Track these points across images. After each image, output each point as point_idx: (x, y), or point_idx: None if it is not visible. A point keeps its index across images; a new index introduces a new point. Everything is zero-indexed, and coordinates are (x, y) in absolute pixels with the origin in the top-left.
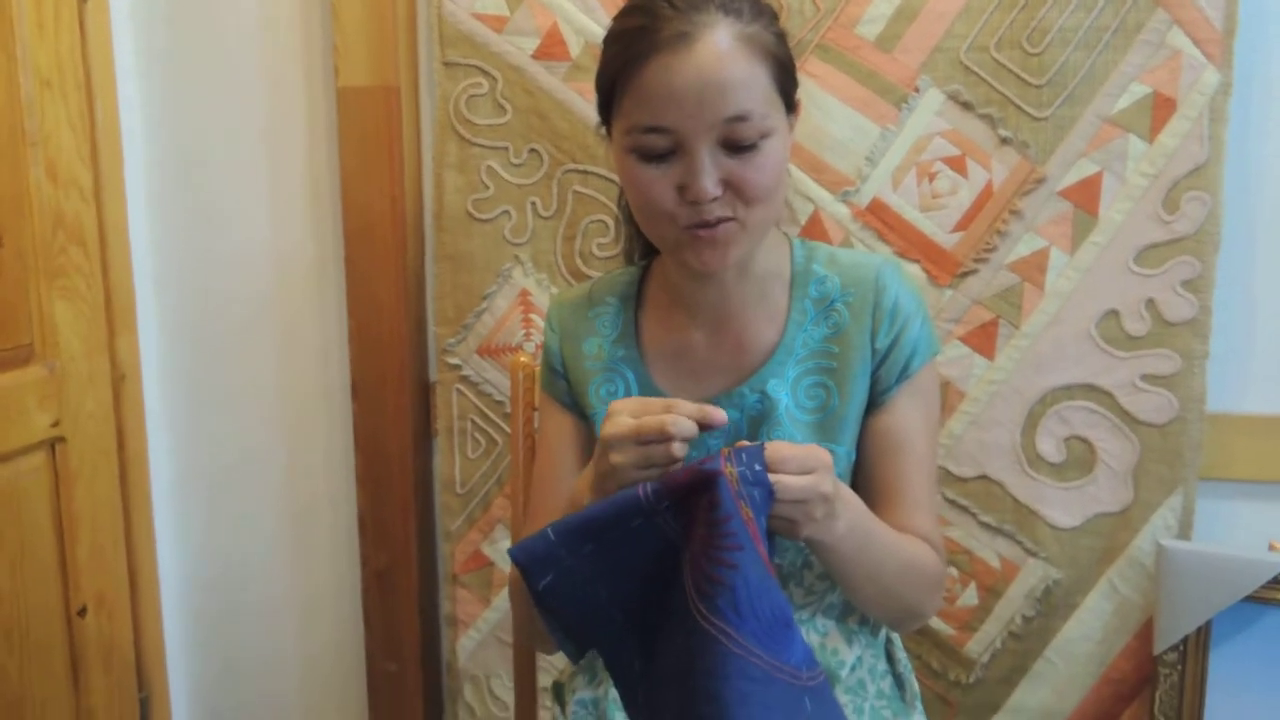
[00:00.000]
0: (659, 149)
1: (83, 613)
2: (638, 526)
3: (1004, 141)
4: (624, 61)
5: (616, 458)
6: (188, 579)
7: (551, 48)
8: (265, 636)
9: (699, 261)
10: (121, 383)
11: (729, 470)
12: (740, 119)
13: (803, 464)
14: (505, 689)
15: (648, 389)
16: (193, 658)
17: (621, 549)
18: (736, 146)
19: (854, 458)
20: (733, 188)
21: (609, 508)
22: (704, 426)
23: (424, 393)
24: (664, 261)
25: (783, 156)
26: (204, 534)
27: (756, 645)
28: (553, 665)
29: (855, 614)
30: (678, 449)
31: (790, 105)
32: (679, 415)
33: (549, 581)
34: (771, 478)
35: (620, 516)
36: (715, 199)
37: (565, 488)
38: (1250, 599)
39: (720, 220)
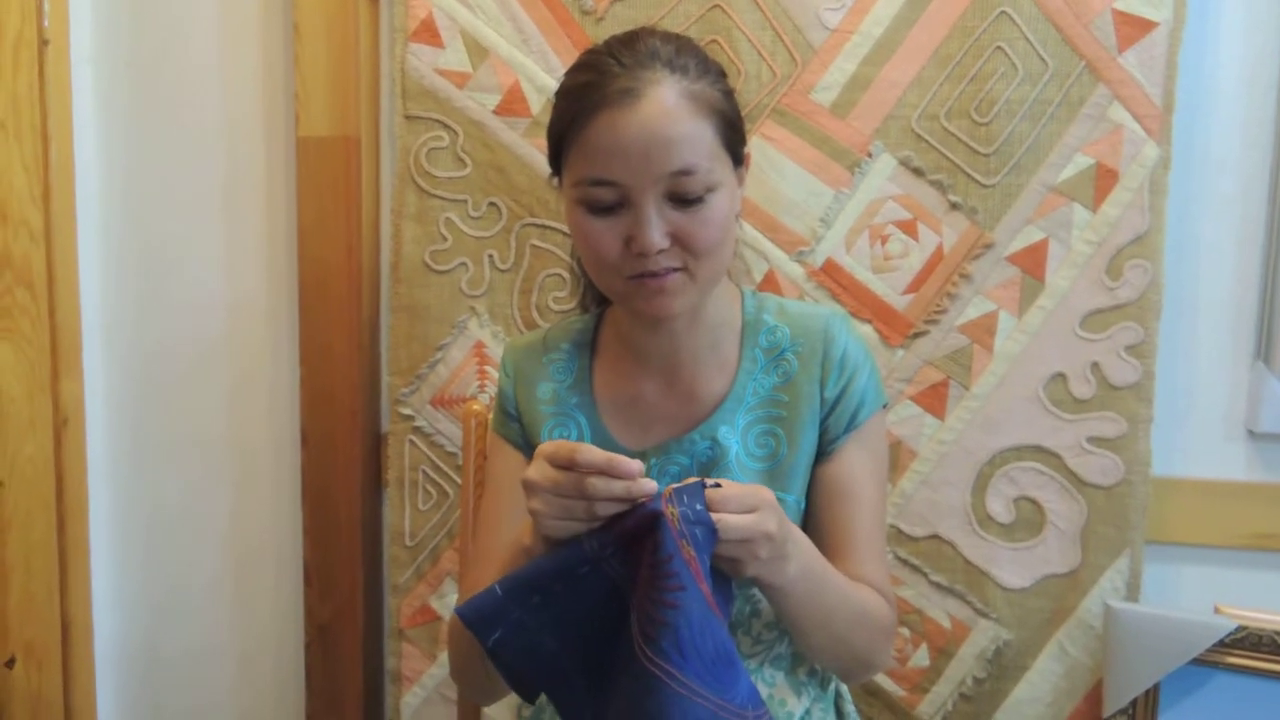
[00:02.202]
0: (606, 202)
1: (11, 663)
2: (585, 574)
3: (954, 207)
4: (572, 116)
5: (535, 504)
6: (123, 630)
7: (512, 104)
8: (202, 690)
9: (648, 308)
10: (64, 427)
11: (670, 510)
12: (685, 173)
13: (743, 502)
14: None
15: (600, 435)
16: (125, 711)
17: (569, 598)
18: (682, 200)
19: (804, 506)
20: (679, 241)
21: (555, 559)
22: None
23: (375, 443)
24: (617, 311)
25: (729, 210)
26: (142, 584)
27: (700, 685)
28: None
29: (804, 665)
30: (601, 509)
31: (738, 159)
32: (596, 478)
33: (499, 636)
34: (714, 516)
35: (566, 566)
36: (662, 251)
37: (513, 526)
38: (1198, 661)
39: (668, 271)
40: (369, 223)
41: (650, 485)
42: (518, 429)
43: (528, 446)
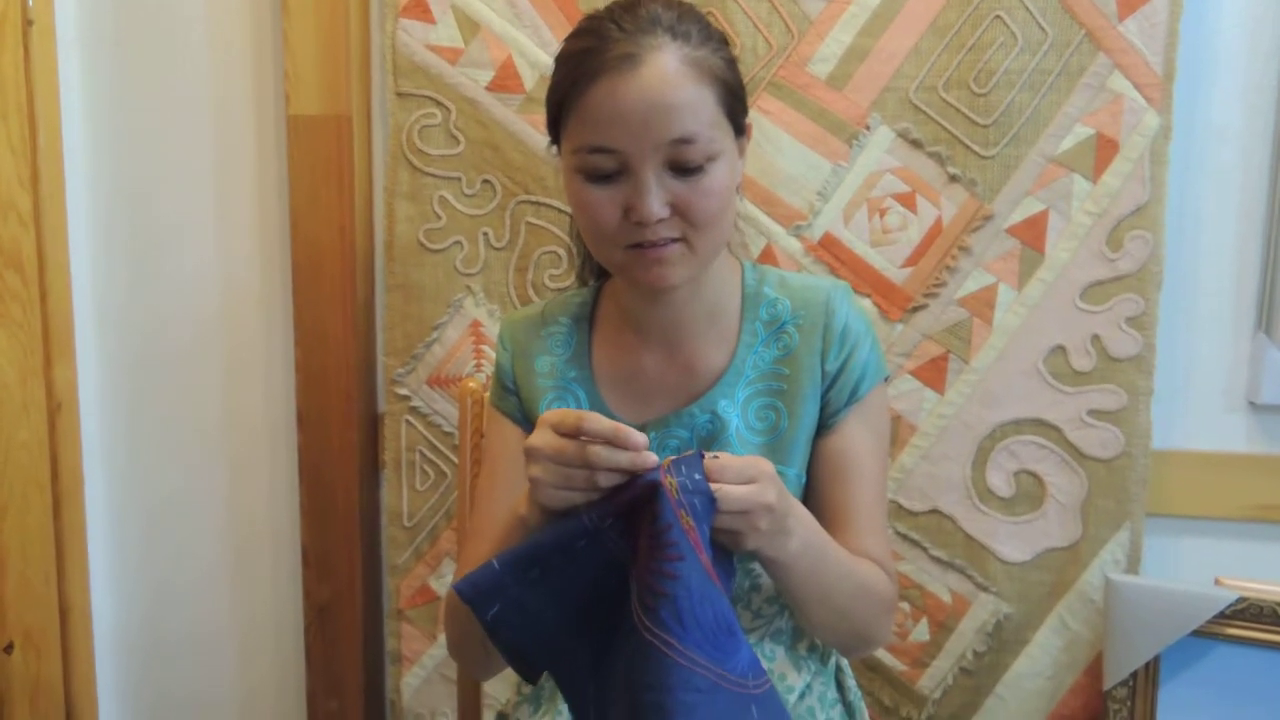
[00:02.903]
0: (605, 170)
1: (9, 649)
2: (583, 547)
3: (953, 179)
4: (572, 82)
5: (535, 470)
6: (122, 615)
7: (506, 80)
8: (202, 674)
9: (646, 279)
10: (58, 412)
11: (668, 480)
12: (686, 141)
13: (741, 473)
14: None
15: (598, 409)
16: (125, 696)
17: (567, 571)
18: (683, 169)
19: (804, 480)
20: (679, 211)
21: (553, 533)
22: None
23: (372, 424)
24: (616, 283)
25: (730, 180)
26: (140, 568)
27: (700, 654)
28: (497, 699)
29: (804, 640)
30: (603, 479)
31: (739, 129)
32: (600, 447)
33: (496, 611)
34: (712, 487)
35: (564, 539)
36: (661, 220)
37: (511, 500)
38: (1198, 633)
39: (667, 241)
40: (362, 202)
41: (652, 459)
42: (516, 403)
43: (526, 421)
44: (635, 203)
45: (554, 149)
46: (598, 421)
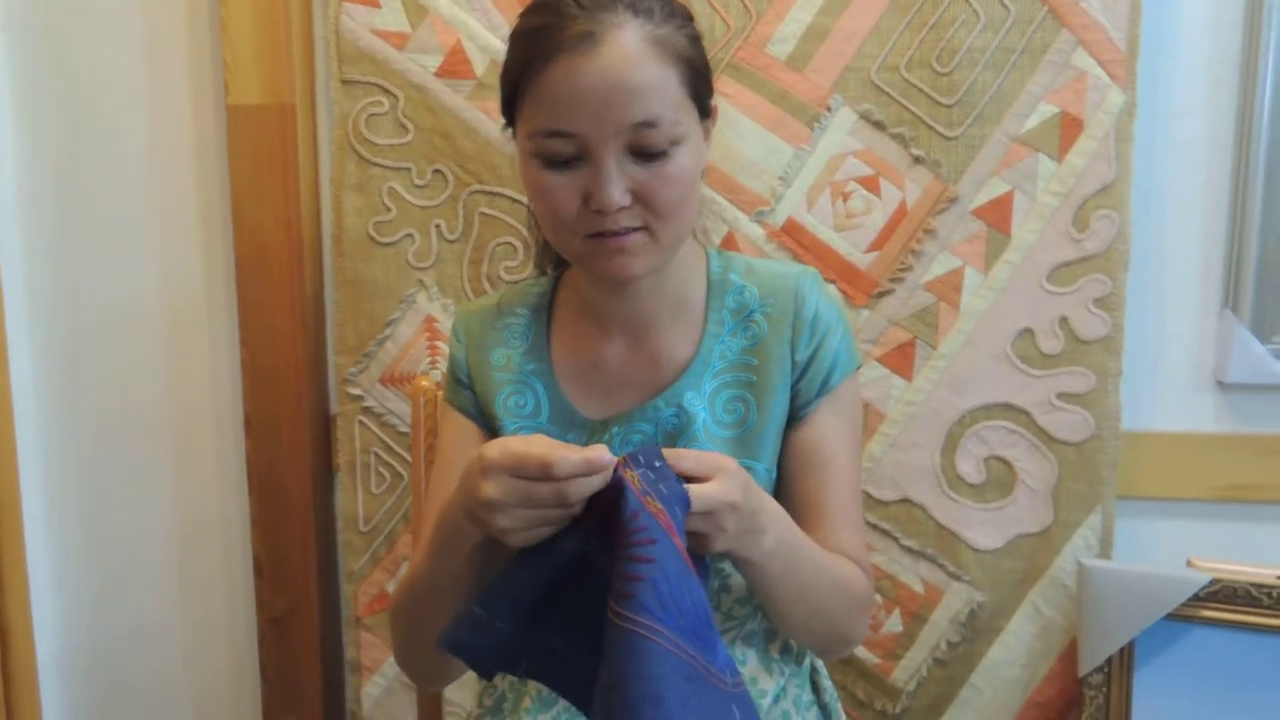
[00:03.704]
0: (563, 155)
1: None
2: (580, 573)
3: (916, 161)
4: (527, 61)
5: (504, 522)
6: (64, 630)
7: (455, 66)
8: (154, 690)
9: (607, 269)
10: None
11: (628, 474)
12: (648, 125)
13: (700, 464)
14: None
15: (558, 404)
16: (70, 712)
17: (578, 605)
18: (645, 154)
19: (775, 475)
20: (641, 198)
21: (549, 571)
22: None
23: (324, 425)
24: (575, 272)
25: (695, 165)
26: (81, 581)
27: (686, 642)
28: (461, 708)
29: (778, 642)
30: (577, 507)
31: (705, 111)
32: (574, 483)
33: (528, 666)
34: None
35: (568, 575)
36: (622, 209)
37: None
38: (1172, 617)
39: (628, 230)
40: (308, 194)
41: (611, 460)
42: (470, 397)
43: (480, 415)
44: (595, 190)
45: (509, 132)
46: (564, 460)
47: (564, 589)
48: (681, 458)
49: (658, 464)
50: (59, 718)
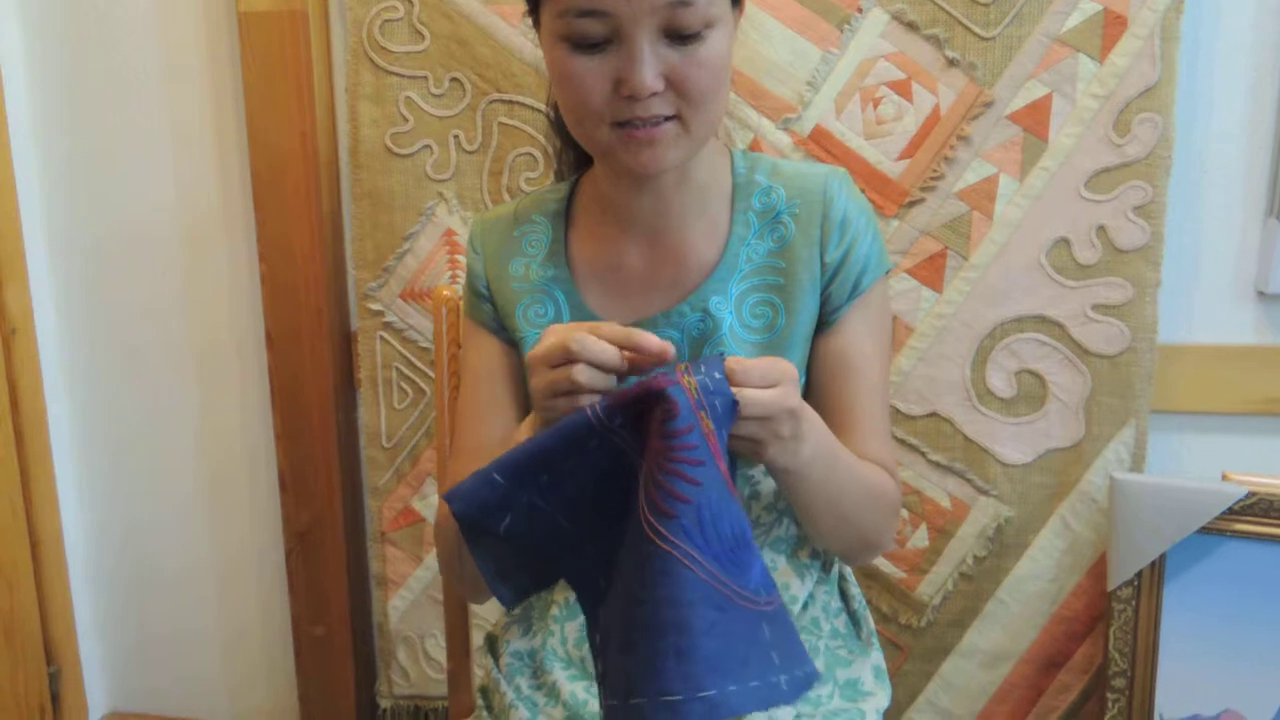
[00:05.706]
0: (593, 36)
1: None
2: (594, 448)
3: (951, 63)
4: None
5: (532, 380)
6: (96, 547)
7: None
8: (183, 604)
9: (635, 163)
10: (12, 337)
11: (686, 380)
12: (684, 3)
13: (766, 375)
14: (440, 649)
15: (579, 310)
16: (106, 629)
17: (579, 474)
18: (679, 36)
19: (803, 381)
20: (674, 84)
21: (558, 435)
22: (635, 358)
23: (345, 341)
24: (595, 172)
25: (727, 52)
26: (111, 499)
27: (718, 568)
28: (486, 620)
29: (806, 548)
30: (579, 372)
31: None
32: (587, 335)
33: (509, 523)
34: (735, 391)
35: (573, 441)
36: (655, 95)
37: (495, 417)
38: (1205, 530)
39: (659, 119)
40: (323, 105)
41: (654, 340)
42: (490, 310)
43: (501, 329)
44: (627, 74)
45: (530, 18)
46: (608, 328)
47: (582, 461)
48: (748, 373)
49: (718, 376)
50: (92, 625)
